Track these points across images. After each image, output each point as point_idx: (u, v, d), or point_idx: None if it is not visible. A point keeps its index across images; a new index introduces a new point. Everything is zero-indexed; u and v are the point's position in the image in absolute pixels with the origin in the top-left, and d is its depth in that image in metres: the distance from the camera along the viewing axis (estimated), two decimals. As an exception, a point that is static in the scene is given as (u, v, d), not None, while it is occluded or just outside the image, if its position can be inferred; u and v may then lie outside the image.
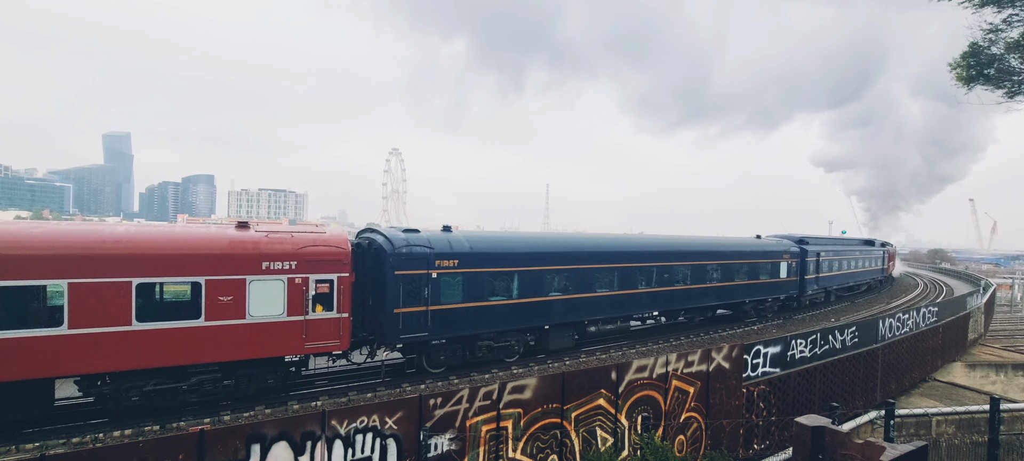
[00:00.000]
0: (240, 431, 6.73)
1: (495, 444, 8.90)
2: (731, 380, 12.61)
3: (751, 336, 24.17)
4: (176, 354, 12.08)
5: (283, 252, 13.39)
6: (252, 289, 12.92)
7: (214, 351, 12.49)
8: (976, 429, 14.34)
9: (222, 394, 13.20)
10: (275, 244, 13.45)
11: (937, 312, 23.52)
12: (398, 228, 16.75)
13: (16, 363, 10.56)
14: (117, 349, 11.41)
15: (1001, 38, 13.37)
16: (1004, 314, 50.43)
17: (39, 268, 10.76)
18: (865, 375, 17.05)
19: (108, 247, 11.50)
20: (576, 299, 19.56)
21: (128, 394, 12.12)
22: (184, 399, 12.71)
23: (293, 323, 13.44)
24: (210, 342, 12.39)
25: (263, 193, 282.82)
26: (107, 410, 12.23)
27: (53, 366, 10.89)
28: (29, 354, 10.64)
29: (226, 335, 12.57)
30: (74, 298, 10.96)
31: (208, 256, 12.49)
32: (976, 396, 19.17)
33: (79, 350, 11.04)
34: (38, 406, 11.29)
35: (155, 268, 11.87)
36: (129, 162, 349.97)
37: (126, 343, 11.48)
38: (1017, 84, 13.56)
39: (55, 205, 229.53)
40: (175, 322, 12.07)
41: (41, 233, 11.29)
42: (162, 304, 12.28)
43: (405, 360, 16.66)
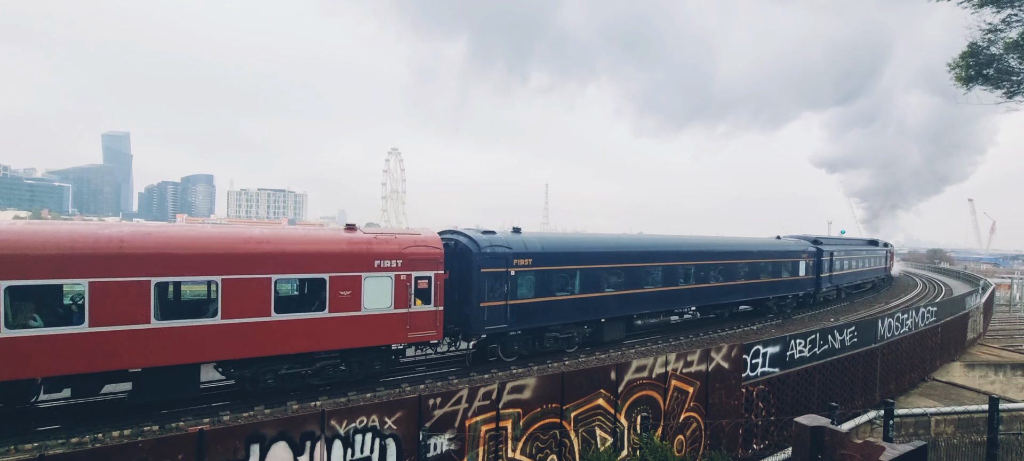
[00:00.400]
0: (239, 431, 6.73)
1: (494, 444, 8.91)
2: (730, 380, 12.61)
3: (750, 336, 24.19)
4: (305, 342, 13.64)
5: (391, 252, 14.91)
6: (366, 285, 14.45)
7: (335, 340, 14.07)
8: (975, 429, 14.35)
9: (339, 378, 14.75)
10: (384, 244, 14.99)
11: (936, 312, 23.55)
12: (478, 230, 18.31)
13: (183, 349, 12.13)
14: (259, 337, 12.97)
15: (1000, 38, 13.38)
16: (1003, 314, 50.49)
17: (201, 266, 12.38)
18: (864, 375, 17.06)
19: (252, 247, 13.06)
20: (627, 295, 21.38)
21: (265, 377, 13.74)
22: (308, 382, 14.26)
23: (399, 315, 15.01)
24: (333, 332, 13.97)
25: (262, 193, 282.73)
26: (247, 392, 13.73)
27: (209, 352, 12.46)
28: (189, 341, 12.22)
29: (345, 326, 14.09)
30: (226, 293, 12.51)
31: (331, 255, 13.99)
32: (975, 396, 19.19)
33: (230, 338, 12.67)
34: (190, 387, 12.85)
35: (290, 266, 13.38)
36: (128, 162, 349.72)
37: (266, 332, 13.06)
38: (1016, 84, 13.57)
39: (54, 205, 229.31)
40: (305, 314, 13.65)
41: (198, 235, 12.85)
42: (294, 298, 14.09)
43: (474, 350, 18.32)
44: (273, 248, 13.22)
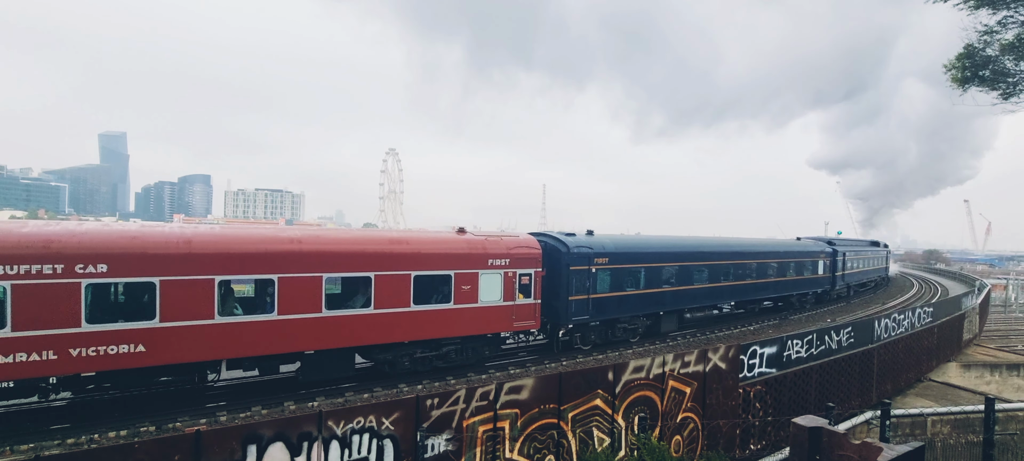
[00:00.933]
0: (236, 432, 6.71)
1: (492, 445, 8.90)
2: (728, 380, 12.63)
3: (747, 336, 24.23)
4: (435, 330, 15.61)
5: (500, 252, 16.95)
6: (482, 281, 16.42)
7: (458, 328, 16.05)
8: (971, 429, 14.40)
9: (459, 362, 16.69)
10: (495, 245, 17.00)
11: (932, 313, 23.63)
12: (562, 233, 20.51)
13: (345, 334, 14.00)
14: (401, 325, 14.87)
15: (996, 39, 13.43)
16: (998, 314, 50.70)
17: (360, 264, 14.20)
18: (861, 375, 17.11)
19: (396, 248, 15.01)
20: (681, 290, 23.62)
21: (402, 360, 15.61)
22: (433, 364, 16.18)
23: (506, 307, 17.03)
24: (456, 321, 15.97)
25: (259, 193, 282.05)
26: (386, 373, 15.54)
27: (364, 337, 14.32)
28: (349, 328, 14.04)
29: (466, 316, 16.15)
30: (377, 287, 14.45)
31: (456, 255, 15.97)
32: (971, 396, 19.26)
33: (380, 326, 14.57)
34: (348, 368, 14.70)
35: (424, 264, 15.34)
36: (125, 162, 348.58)
37: (406, 321, 14.98)
38: (1012, 85, 13.61)
39: (50, 205, 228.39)
40: (436, 305, 15.58)
41: (358, 238, 14.96)
42: (427, 291, 15.57)
43: (565, 338, 20.06)
44: (411, 249, 15.26)
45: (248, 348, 12.74)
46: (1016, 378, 23.89)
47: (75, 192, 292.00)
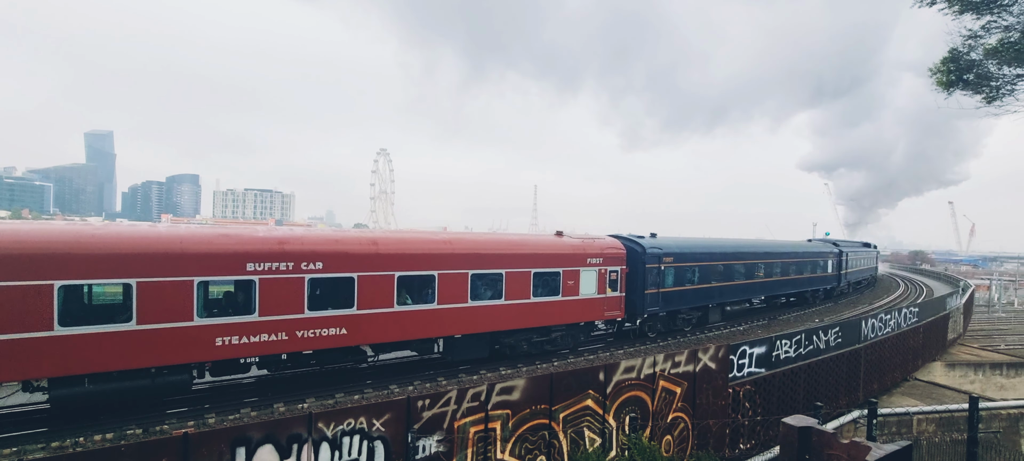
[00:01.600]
0: (225, 434, 6.64)
1: (483, 445, 8.89)
2: (717, 380, 12.72)
3: (737, 336, 24.42)
4: (548, 318, 18.32)
5: (595, 252, 19.82)
6: (582, 276, 19.17)
7: (564, 317, 18.82)
8: (955, 427, 14.62)
9: (564, 345, 19.38)
10: (591, 246, 19.86)
11: (918, 313, 23.95)
12: (635, 235, 23.37)
13: (484, 321, 16.68)
14: (524, 314, 17.70)
15: (980, 44, 13.66)
16: (982, 314, 51.52)
17: (495, 262, 16.93)
18: (848, 375, 17.30)
19: (520, 249, 17.81)
20: (725, 286, 26.46)
21: (521, 344, 18.13)
22: (541, 348, 18.69)
23: (599, 299, 19.83)
24: (563, 311, 18.72)
25: (249, 193, 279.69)
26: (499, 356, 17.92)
27: (498, 324, 17.05)
28: (487, 316, 16.75)
29: (571, 306, 18.85)
30: (508, 281, 17.19)
31: (564, 255, 18.84)
32: (955, 395, 19.56)
33: (509, 314, 17.34)
34: (487, 349, 17.35)
35: (541, 262, 18.11)
36: (111, 161, 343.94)
37: (527, 310, 17.83)
38: (995, 89, 13.85)
39: (35, 205, 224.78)
40: (548, 297, 18.24)
41: (494, 241, 17.72)
42: (542, 285, 18.11)
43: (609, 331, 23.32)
44: (530, 250, 18.10)
45: (416, 332, 15.51)
46: (999, 377, 24.30)
47: (60, 192, 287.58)
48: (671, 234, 26.21)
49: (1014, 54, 13.09)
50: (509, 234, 20.56)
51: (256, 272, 12.71)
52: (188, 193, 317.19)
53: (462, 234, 18.55)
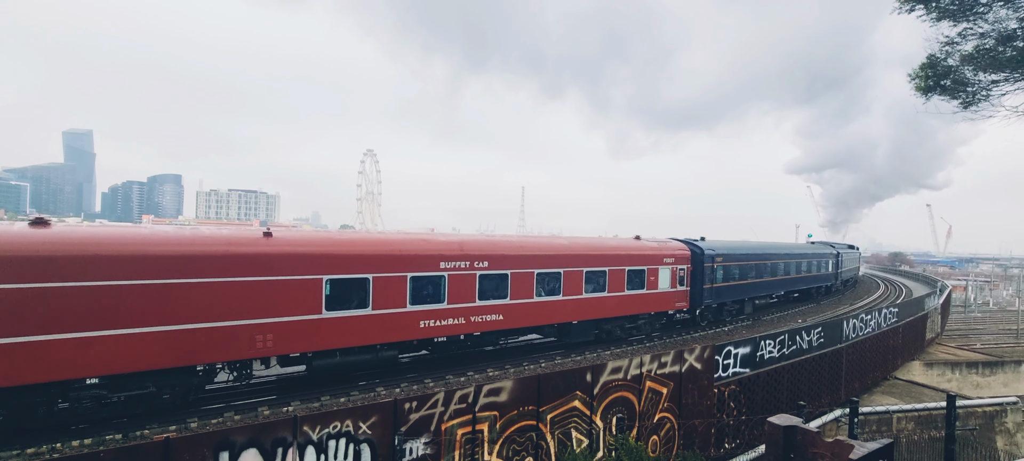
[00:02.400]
0: (207, 438, 6.53)
1: (470, 447, 8.86)
2: (703, 380, 12.83)
3: (721, 337, 24.69)
4: (636, 308, 22.27)
5: (669, 252, 24.03)
6: (661, 273, 23.29)
7: (648, 307, 22.81)
8: (934, 425, 14.94)
9: (644, 332, 23.21)
10: (666, 247, 24.25)
11: (897, 313, 24.43)
12: (693, 238, 27.92)
13: (592, 310, 20.47)
14: (621, 305, 21.51)
15: (957, 50, 14.00)
16: (958, 315, 52.70)
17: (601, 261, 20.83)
18: (830, 374, 17.57)
19: (621, 251, 21.86)
20: (756, 282, 30.93)
21: (615, 330, 21.84)
22: (630, 333, 22.60)
23: (672, 293, 23.96)
24: (647, 302, 22.77)
25: (233, 194, 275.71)
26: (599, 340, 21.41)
27: (604, 312, 20.86)
28: (595, 306, 20.50)
29: (652, 298, 22.95)
30: (610, 277, 21.04)
31: (648, 255, 22.96)
32: (934, 393, 19.96)
33: (608, 304, 21.02)
34: (593, 334, 21.10)
35: (633, 261, 22.10)
36: (91, 160, 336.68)
37: (623, 301, 21.71)
38: (971, 95, 14.20)
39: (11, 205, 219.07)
40: (637, 291, 22.23)
41: (598, 243, 22.00)
42: (633, 280, 21.91)
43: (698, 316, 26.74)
44: (624, 252, 22.05)
45: (548, 318, 19.17)
46: (975, 376, 24.88)
47: (37, 191, 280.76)
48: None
49: (989, 60, 13.44)
50: (605, 238, 25.45)
51: (445, 269, 16.17)
52: (170, 193, 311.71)
53: (575, 239, 22.44)
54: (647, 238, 25.31)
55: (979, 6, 13.13)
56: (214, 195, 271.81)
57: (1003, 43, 13.14)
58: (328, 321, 13.88)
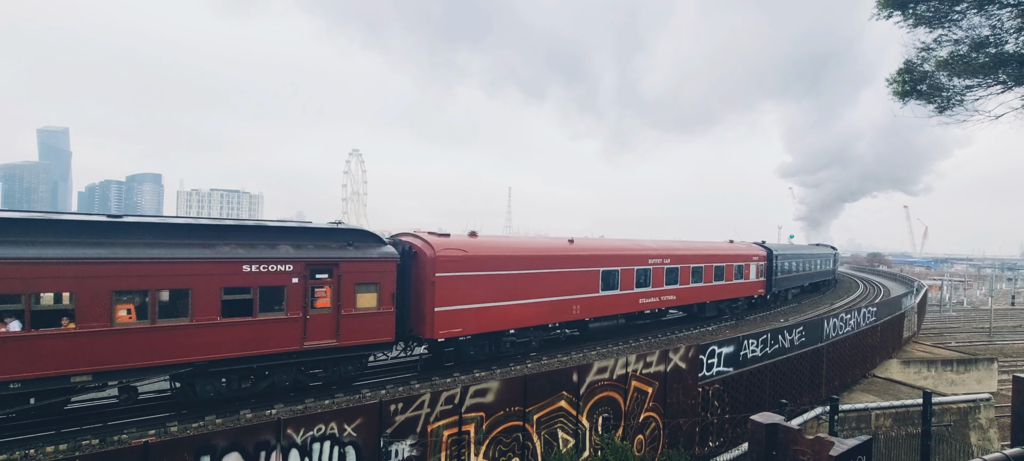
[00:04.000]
0: (188, 443, 6.42)
1: (457, 448, 8.84)
2: (687, 380, 12.96)
3: (706, 337, 24.98)
4: (735, 293, 30.66)
5: (755, 253, 33.04)
6: (751, 267, 32.08)
7: (741, 292, 31.38)
8: (910, 422, 15.28)
9: (729, 315, 30.86)
10: (753, 249, 33.32)
11: (876, 312, 24.95)
12: (760, 241, 37.48)
13: (696, 296, 27.65)
14: (715, 292, 28.93)
15: (932, 56, 14.36)
16: (934, 313, 53.98)
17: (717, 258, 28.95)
18: (811, 372, 17.87)
19: (728, 251, 30.41)
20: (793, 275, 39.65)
21: (705, 312, 28.63)
22: (732, 311, 31.12)
23: (756, 282, 32.73)
24: (741, 289, 31.26)
25: (215, 193, 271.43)
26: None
27: (703, 297, 28.11)
28: (696, 294, 27.60)
29: (743, 287, 31.45)
30: (705, 272, 27.99)
31: (743, 255, 31.48)
32: (911, 390, 20.42)
33: (706, 293, 28.29)
34: (707, 312, 28.73)
35: (736, 259, 30.32)
36: (67, 159, 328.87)
37: (717, 290, 29.10)
38: (946, 100, 14.57)
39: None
40: (737, 280, 30.67)
41: (712, 246, 30.45)
42: (737, 273, 30.35)
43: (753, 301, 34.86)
44: (732, 253, 30.46)
45: (681, 301, 26.65)
46: (950, 373, 25.50)
47: (10, 190, 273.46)
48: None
49: (963, 66, 13.81)
50: (715, 241, 33.65)
51: (651, 264, 24.61)
52: (150, 193, 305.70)
53: (703, 243, 31.22)
54: (738, 242, 34.77)
55: (954, 13, 13.47)
56: (195, 195, 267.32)
57: (976, 49, 13.51)
58: (600, 298, 22.16)
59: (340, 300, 14.22)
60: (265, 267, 13.06)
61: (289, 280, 13.35)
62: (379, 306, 14.97)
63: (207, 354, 12.30)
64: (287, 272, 13.36)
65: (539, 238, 24.16)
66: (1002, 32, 13.24)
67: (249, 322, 12.81)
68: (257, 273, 12.93)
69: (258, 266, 12.96)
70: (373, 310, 14.84)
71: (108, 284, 11.14)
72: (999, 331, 44.64)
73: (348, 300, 14.35)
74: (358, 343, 14.67)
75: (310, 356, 13.97)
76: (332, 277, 14.17)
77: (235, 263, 12.67)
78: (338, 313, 14.24)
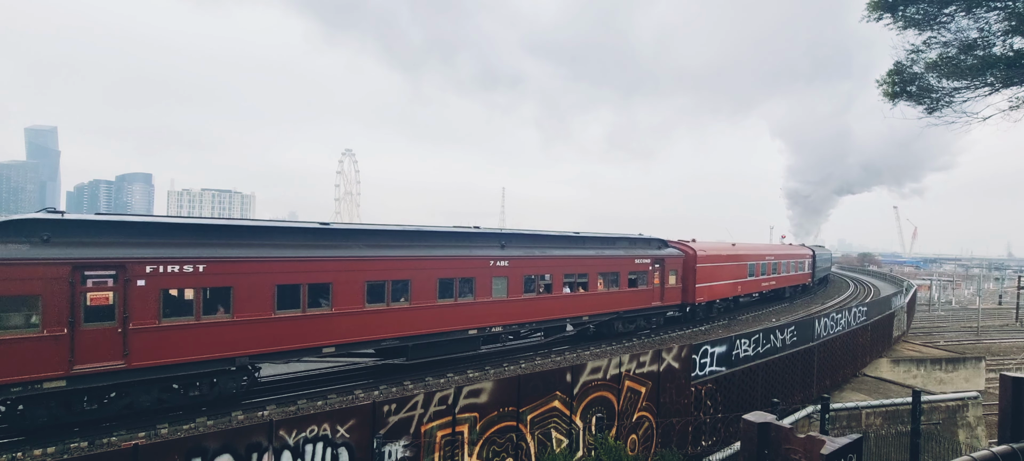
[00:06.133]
0: (178, 445, 6.36)
1: (450, 449, 8.82)
2: (680, 379, 13.01)
3: (698, 336, 25.09)
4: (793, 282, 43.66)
5: (805, 252, 48.48)
6: (804, 262, 46.28)
7: (797, 281, 44.68)
8: (900, 420, 15.42)
9: (793, 296, 44.10)
10: (802, 248, 50.24)
11: (866, 312, 25.18)
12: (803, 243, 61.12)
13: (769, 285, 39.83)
14: (788, 280, 42.74)
15: (921, 58, 14.53)
16: (923, 313, 54.59)
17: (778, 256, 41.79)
18: (802, 372, 18.00)
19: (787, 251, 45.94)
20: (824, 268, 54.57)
21: (785, 294, 42.43)
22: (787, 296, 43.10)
23: (805, 274, 46.58)
24: (798, 279, 44.89)
25: (206, 193, 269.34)
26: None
27: (775, 285, 40.32)
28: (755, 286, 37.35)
29: (798, 277, 44.83)
30: (769, 267, 38.90)
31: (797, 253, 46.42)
32: (900, 389, 20.62)
33: (782, 281, 41.67)
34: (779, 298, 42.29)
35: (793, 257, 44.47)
36: (55, 158, 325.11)
37: (788, 278, 42.61)
38: (935, 101, 14.75)
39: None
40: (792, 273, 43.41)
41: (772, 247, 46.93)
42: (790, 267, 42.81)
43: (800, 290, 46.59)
44: (789, 251, 45.22)
45: (777, 285, 40.10)
46: (939, 372, 25.78)
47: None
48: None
49: (951, 68, 13.97)
50: (776, 243, 50.93)
51: (766, 259, 37.85)
52: (140, 193, 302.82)
53: (771, 244, 47.03)
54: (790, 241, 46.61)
55: (943, 16, 13.64)
56: (186, 194, 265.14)
57: (964, 52, 13.68)
58: (746, 281, 34.43)
59: (663, 279, 26.69)
60: (638, 261, 25.51)
61: (648, 268, 25.80)
62: (677, 283, 27.60)
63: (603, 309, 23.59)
64: (647, 264, 25.95)
65: (721, 243, 35.98)
66: (990, 35, 13.42)
67: (623, 292, 24.51)
68: (636, 265, 25.48)
69: (635, 260, 25.45)
70: (675, 286, 27.46)
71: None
72: (987, 330, 45.25)
73: (664, 279, 26.64)
74: (669, 304, 27.21)
75: (659, 311, 26.78)
76: (658, 265, 26.35)
77: (628, 259, 25.04)
78: (663, 285, 26.63)
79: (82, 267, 11.13)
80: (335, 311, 14.64)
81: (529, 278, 19.87)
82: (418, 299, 16.47)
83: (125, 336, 11.55)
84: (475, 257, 18.28)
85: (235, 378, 13.32)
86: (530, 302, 19.87)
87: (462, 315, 17.70)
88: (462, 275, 17.73)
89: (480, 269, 18.23)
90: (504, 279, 18.98)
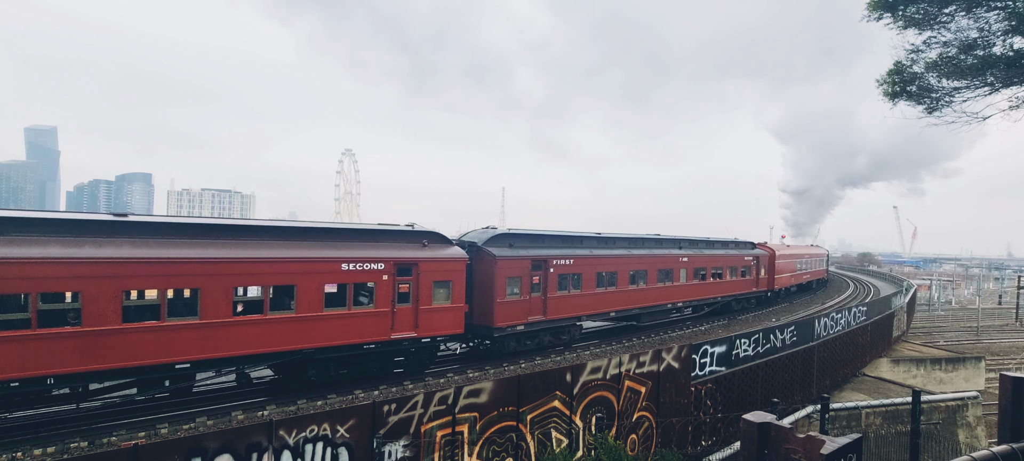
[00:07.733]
0: (178, 445, 6.36)
1: (450, 449, 8.82)
2: (680, 379, 13.01)
3: (698, 336, 25.11)
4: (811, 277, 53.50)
5: (821, 252, 63.43)
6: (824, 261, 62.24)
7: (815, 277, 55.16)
8: (900, 420, 15.42)
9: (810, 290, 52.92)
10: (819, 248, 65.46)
11: (866, 312, 25.18)
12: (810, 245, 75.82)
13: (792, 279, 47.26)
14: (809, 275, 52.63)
15: (921, 58, 14.52)
16: (923, 313, 54.57)
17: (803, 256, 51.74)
18: (802, 371, 17.99)
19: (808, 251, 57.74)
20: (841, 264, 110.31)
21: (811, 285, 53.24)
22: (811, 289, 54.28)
23: (821, 270, 58.59)
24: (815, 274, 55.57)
25: (206, 193, 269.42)
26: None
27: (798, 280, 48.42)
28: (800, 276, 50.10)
29: (816, 273, 55.89)
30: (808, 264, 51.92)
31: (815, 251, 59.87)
32: (900, 389, 20.61)
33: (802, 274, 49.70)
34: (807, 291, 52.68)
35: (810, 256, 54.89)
36: (55, 158, 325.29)
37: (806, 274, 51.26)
38: (935, 101, 14.75)
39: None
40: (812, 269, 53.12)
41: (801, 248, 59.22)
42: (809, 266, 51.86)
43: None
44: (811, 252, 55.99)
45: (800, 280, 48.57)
46: (939, 372, 25.78)
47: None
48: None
49: (951, 68, 13.97)
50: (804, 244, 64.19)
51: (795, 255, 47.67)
52: (140, 193, 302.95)
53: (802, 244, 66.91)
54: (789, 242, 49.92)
55: (943, 16, 13.63)
56: (186, 194, 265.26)
57: (964, 52, 13.67)
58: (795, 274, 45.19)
59: (757, 271, 37.60)
60: (746, 258, 36.46)
61: (752, 263, 36.58)
62: (765, 274, 38.48)
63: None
64: (751, 260, 36.24)
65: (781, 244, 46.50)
66: (990, 35, 13.42)
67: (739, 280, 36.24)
68: (745, 261, 36.25)
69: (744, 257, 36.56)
70: (764, 276, 38.39)
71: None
72: (986, 330, 45.22)
73: (758, 271, 37.74)
74: (761, 289, 38.89)
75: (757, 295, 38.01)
76: (754, 261, 36.67)
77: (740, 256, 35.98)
78: (758, 276, 38.16)
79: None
80: (618, 290, 24.77)
81: (698, 270, 30.74)
82: (649, 282, 26.87)
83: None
84: (672, 255, 28.85)
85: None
86: (696, 287, 30.66)
87: (666, 294, 28.24)
88: (666, 267, 28.21)
89: (675, 264, 28.77)
90: (684, 270, 29.49)
